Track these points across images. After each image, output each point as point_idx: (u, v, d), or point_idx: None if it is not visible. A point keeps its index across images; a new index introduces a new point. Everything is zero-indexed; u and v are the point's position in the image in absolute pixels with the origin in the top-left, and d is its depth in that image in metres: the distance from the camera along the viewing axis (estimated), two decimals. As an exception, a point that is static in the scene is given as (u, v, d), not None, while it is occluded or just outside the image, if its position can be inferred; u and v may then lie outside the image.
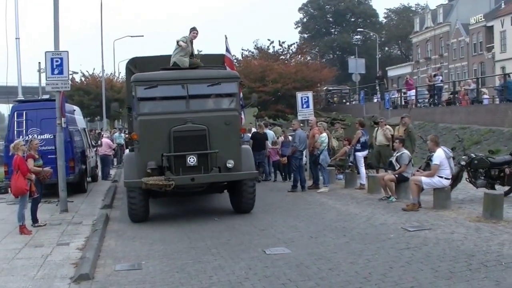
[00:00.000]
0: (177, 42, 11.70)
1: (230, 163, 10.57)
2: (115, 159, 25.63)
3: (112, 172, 22.51)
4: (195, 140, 10.45)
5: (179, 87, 10.93)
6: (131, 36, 49.58)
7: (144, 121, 10.59)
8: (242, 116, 13.06)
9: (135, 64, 13.56)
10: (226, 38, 15.30)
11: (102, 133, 28.04)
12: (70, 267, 7.64)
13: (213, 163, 10.55)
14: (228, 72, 12.81)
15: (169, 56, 12.12)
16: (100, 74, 41.85)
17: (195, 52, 12.99)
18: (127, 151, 16.54)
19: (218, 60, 14.24)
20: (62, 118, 12.53)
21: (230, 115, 10.95)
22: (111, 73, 51.35)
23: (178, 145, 10.38)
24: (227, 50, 15.33)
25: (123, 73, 48.79)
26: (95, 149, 20.26)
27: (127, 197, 11.05)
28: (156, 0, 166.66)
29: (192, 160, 10.40)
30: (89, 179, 18.33)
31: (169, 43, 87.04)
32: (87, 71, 49.35)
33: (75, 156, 15.36)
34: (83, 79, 48.35)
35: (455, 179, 11.80)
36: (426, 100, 32.11)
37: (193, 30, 12.13)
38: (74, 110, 18.28)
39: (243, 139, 13.44)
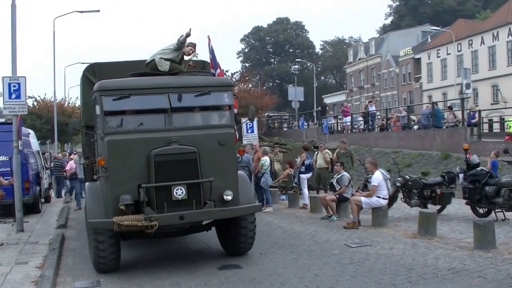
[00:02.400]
0: (179, 40, 9.07)
1: (228, 195, 8.15)
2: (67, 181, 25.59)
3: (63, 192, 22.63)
4: (182, 166, 8.02)
5: (159, 98, 8.38)
6: (82, 63, 49.06)
7: (113, 142, 7.99)
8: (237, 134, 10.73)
9: (95, 72, 10.81)
10: (209, 39, 13.23)
11: (71, 155, 28.23)
12: (31, 285, 7.59)
13: (206, 196, 8.07)
14: (220, 79, 10.65)
15: (138, 62, 10.14)
16: (52, 99, 43.03)
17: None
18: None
19: (200, 67, 11.04)
20: (19, 141, 12.51)
21: (225, 133, 8.56)
22: (62, 98, 52.28)
23: (161, 173, 7.88)
24: (212, 53, 13.00)
25: (74, 98, 49.17)
26: (48, 170, 20.60)
27: (91, 241, 8.29)
28: (109, 29, 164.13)
29: (180, 192, 7.88)
30: (42, 200, 18.40)
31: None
32: (39, 96, 50.44)
33: (30, 178, 15.42)
34: (35, 103, 49.22)
35: (391, 199, 12.44)
36: (361, 126, 33.42)
37: (192, 45, 9.39)
38: (29, 133, 18.50)
39: (240, 163, 11.12)
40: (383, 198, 11.33)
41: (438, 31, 55.06)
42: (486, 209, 11.68)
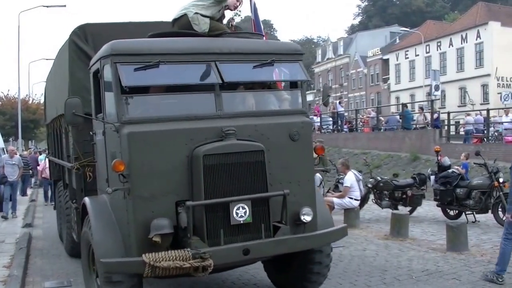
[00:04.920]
0: None
1: (306, 214, 5.62)
2: (32, 179, 25.39)
3: (29, 191, 22.37)
4: (245, 173, 5.37)
5: (202, 68, 5.69)
6: (47, 59, 48.04)
7: (138, 135, 5.19)
8: None
9: (86, 36, 7.63)
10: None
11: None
12: (-1, 284, 7.40)
13: (275, 216, 5.51)
14: (287, 44, 6.77)
15: (151, 24, 7.59)
16: (15, 96, 42.14)
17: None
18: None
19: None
20: None
21: (299, 122, 5.87)
22: (27, 95, 51.49)
23: (214, 184, 5.25)
24: (255, 13, 10.29)
25: (39, 95, 48.48)
26: None
27: (96, 282, 5.85)
28: (73, 24, 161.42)
29: (242, 212, 5.26)
30: None
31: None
32: (2, 92, 49.62)
33: None
34: None
35: (363, 200, 12.46)
36: (330, 127, 33.56)
37: None
38: None
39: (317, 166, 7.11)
40: (355, 199, 11.36)
41: (407, 32, 55.88)
42: (457, 211, 11.81)
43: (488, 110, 22.42)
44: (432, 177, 12.55)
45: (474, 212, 11.25)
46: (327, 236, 5.87)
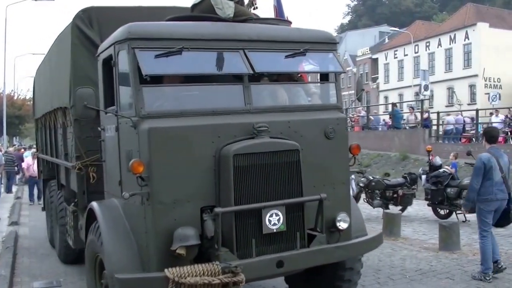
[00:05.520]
0: None
1: (343, 221, 5.11)
2: (17, 176, 24.96)
3: (14, 189, 21.97)
4: (279, 176, 4.82)
5: (230, 56, 5.08)
6: (33, 54, 47.64)
7: (160, 131, 4.58)
8: None
9: (91, 20, 6.77)
10: None
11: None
12: (-16, 285, 7.24)
13: (309, 223, 5.00)
14: (320, 32, 5.81)
15: (168, 9, 6.79)
16: (0, 91, 41.15)
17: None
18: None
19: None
20: None
21: (334, 118, 5.39)
22: (12, 90, 50.53)
23: (245, 187, 4.67)
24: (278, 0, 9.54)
25: (24, 90, 47.36)
26: None
27: None
28: (59, 19, 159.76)
29: (275, 219, 4.72)
30: None
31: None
32: None
33: None
34: None
35: (355, 199, 12.50)
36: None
37: None
38: None
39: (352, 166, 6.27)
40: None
41: (396, 32, 56.13)
42: (448, 211, 11.91)
43: (477, 111, 22.60)
44: (424, 177, 12.65)
45: (465, 212, 11.34)
46: (365, 245, 5.41)
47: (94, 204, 5.35)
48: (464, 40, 44.83)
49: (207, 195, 4.68)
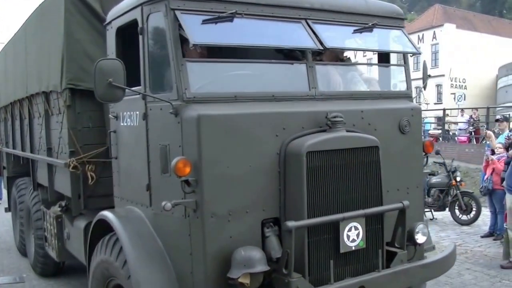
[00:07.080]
0: None
1: (421, 233, 4.17)
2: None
3: None
4: (358, 179, 3.86)
5: (289, 27, 4.07)
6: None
7: (214, 120, 3.48)
8: None
9: None
10: None
11: None
12: None
13: (386, 236, 4.05)
14: (388, 6, 4.81)
15: None
16: None
17: None
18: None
19: None
20: None
21: (409, 108, 4.47)
22: None
23: (321, 194, 3.67)
24: None
25: None
26: None
27: None
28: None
29: (354, 235, 3.76)
30: None
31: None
32: None
33: None
34: None
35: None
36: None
37: None
38: None
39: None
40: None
41: (365, 31, 56.67)
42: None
43: (444, 110, 23.05)
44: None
45: (432, 210, 11.57)
46: (446, 263, 4.35)
47: (109, 214, 4.23)
48: (432, 40, 45.62)
49: (269, 204, 3.66)
